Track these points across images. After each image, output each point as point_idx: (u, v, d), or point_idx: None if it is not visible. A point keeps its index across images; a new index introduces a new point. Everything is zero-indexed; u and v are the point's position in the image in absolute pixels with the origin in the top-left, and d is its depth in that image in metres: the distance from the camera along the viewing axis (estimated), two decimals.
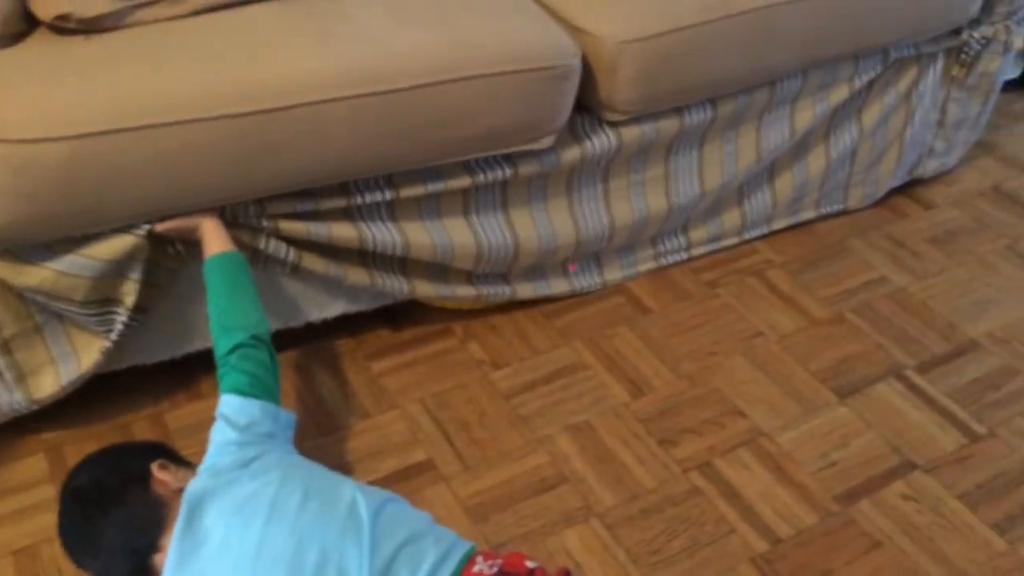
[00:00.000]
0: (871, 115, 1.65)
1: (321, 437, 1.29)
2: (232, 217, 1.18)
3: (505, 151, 1.29)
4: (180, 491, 0.99)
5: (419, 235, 1.31)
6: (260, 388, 1.07)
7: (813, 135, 1.63)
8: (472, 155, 1.27)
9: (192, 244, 1.17)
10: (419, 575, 0.90)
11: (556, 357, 1.44)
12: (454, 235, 1.34)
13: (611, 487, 1.24)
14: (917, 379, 1.44)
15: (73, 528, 1.01)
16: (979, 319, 1.55)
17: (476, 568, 0.92)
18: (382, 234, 1.28)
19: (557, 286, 1.52)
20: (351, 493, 0.98)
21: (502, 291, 1.46)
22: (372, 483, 1.22)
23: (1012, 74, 2.15)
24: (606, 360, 1.44)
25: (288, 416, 1.10)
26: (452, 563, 0.92)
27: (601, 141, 1.38)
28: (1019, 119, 2.09)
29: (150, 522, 0.98)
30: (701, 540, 1.19)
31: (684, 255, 1.63)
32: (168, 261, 1.19)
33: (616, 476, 1.26)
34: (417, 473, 1.25)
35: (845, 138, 1.66)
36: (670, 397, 1.38)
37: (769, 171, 1.64)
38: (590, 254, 1.53)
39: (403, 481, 1.23)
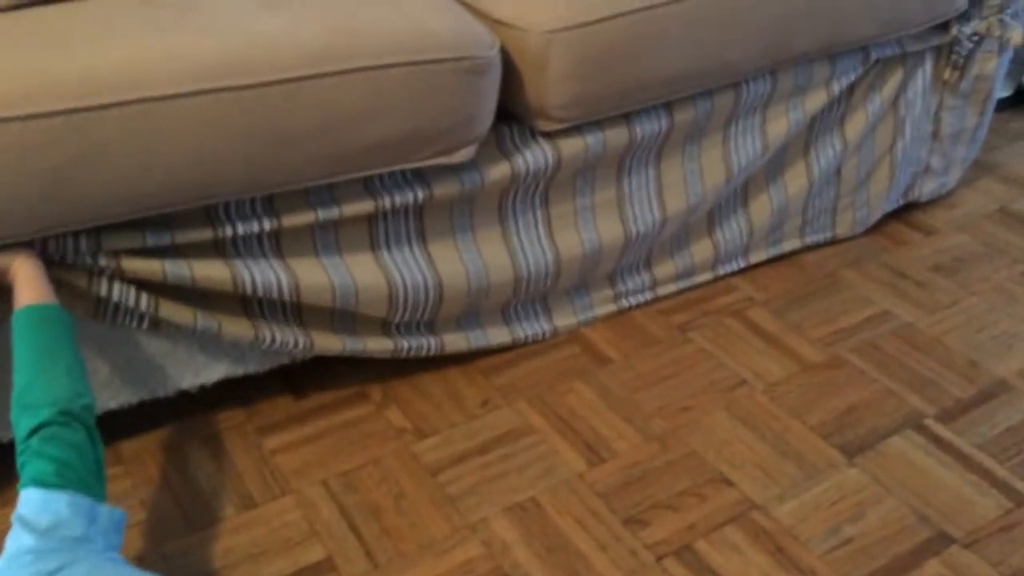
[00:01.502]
0: (855, 126, 1.43)
1: (190, 535, 1.00)
2: (58, 254, 0.92)
3: (413, 166, 1.05)
4: None
5: (313, 275, 1.06)
6: (70, 478, 0.79)
7: (790, 149, 1.40)
8: (371, 171, 1.03)
9: (8, 292, 0.91)
10: None
11: (495, 421, 1.16)
12: (358, 274, 1.09)
13: None
14: (940, 430, 1.17)
15: None
16: (1005, 356, 1.30)
17: None
18: (263, 274, 1.03)
19: (496, 335, 1.26)
20: None
21: (427, 343, 1.20)
22: None
23: (1004, 92, 1.97)
24: (557, 422, 1.17)
25: (112, 515, 0.82)
26: None
27: (535, 156, 1.14)
28: (1018, 137, 1.88)
29: None
30: None
31: (649, 295, 1.38)
32: None
33: (570, 569, 0.98)
34: None
35: (827, 153, 1.43)
36: (637, 464, 1.11)
37: (742, 193, 1.40)
38: (534, 296, 1.27)
39: None
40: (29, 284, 0.88)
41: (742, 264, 1.45)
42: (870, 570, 0.99)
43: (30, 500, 0.78)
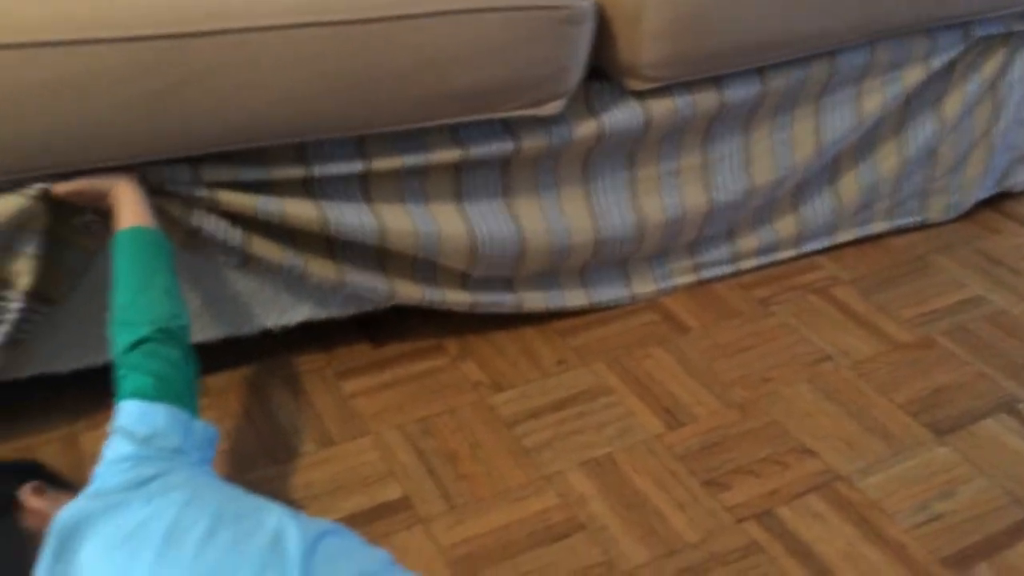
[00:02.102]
0: (953, 106, 1.39)
1: (272, 467, 1.01)
2: (157, 183, 0.94)
3: (502, 115, 1.05)
4: None
5: (398, 220, 1.06)
6: (167, 392, 0.81)
7: (884, 126, 1.37)
8: (460, 118, 1.03)
9: (109, 217, 0.94)
10: None
11: (571, 380, 1.15)
12: (443, 223, 1.09)
13: (641, 539, 0.94)
14: None
15: None
16: None
17: None
18: (350, 216, 1.04)
19: (574, 298, 1.25)
20: (277, 521, 0.72)
21: (505, 300, 1.19)
22: None
23: None
24: (635, 384, 1.15)
25: (206, 430, 0.83)
26: None
27: (624, 115, 1.13)
28: None
29: (13, 565, 0.72)
30: None
31: (729, 268, 1.35)
32: (77, 238, 0.95)
33: (647, 525, 0.96)
34: (389, 513, 0.96)
35: (922, 132, 1.39)
36: (716, 429, 1.09)
37: (831, 169, 1.37)
38: (614, 260, 1.26)
39: (370, 523, 0.95)
40: (131, 207, 0.90)
41: (827, 243, 1.41)
42: (962, 547, 0.95)
43: (129, 411, 0.80)
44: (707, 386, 1.15)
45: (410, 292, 1.13)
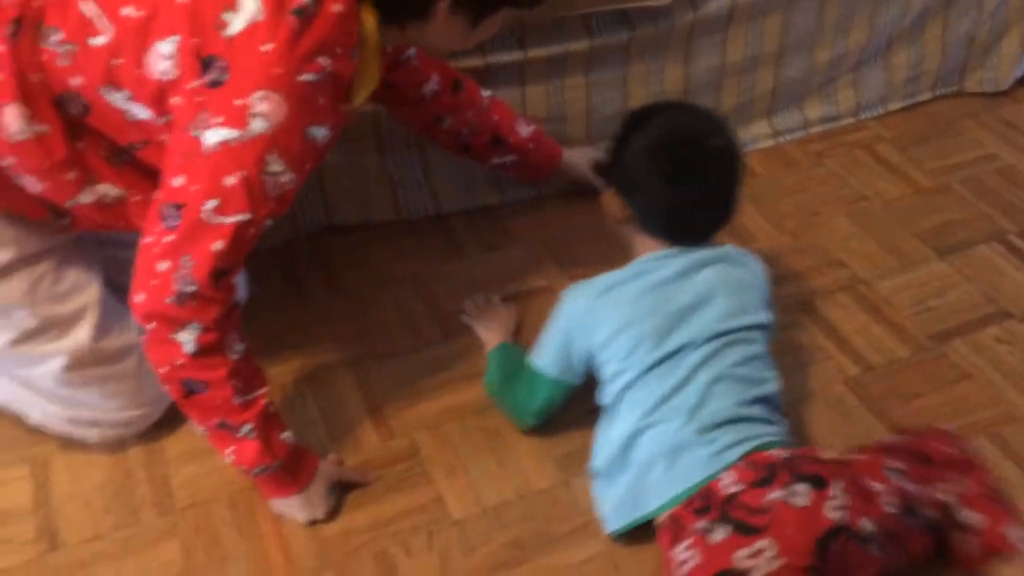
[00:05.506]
0: None
1: None
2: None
3: (626, 6, 1.41)
4: None
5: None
6: None
7: (930, 14, 1.67)
8: (598, 7, 1.39)
9: None
10: None
11: None
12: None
13: None
14: (1019, 243, 1.48)
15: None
16: None
17: None
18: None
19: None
20: None
21: None
22: None
23: None
24: None
25: None
26: None
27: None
28: None
29: None
30: (800, 362, 1.29)
31: (801, 133, 1.70)
32: None
33: None
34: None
35: (964, 19, 1.68)
36: (772, 248, 1.48)
37: (885, 51, 1.69)
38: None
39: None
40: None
41: (880, 111, 1.74)
42: (943, 328, 1.34)
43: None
44: (767, 218, 1.54)
45: None
